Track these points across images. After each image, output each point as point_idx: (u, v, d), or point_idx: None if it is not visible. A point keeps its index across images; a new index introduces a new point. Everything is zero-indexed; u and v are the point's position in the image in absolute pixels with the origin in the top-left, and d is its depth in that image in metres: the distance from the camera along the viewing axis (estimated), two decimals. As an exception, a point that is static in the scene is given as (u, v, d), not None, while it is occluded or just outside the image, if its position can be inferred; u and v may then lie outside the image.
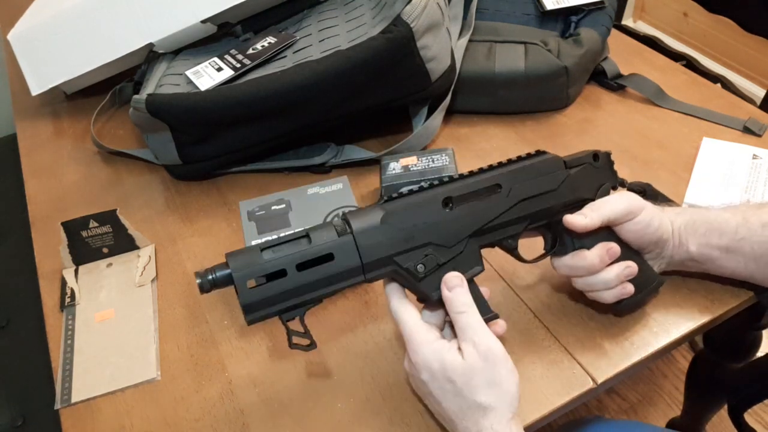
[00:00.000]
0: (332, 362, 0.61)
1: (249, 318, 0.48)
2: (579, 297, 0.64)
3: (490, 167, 0.55)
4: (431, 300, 0.52)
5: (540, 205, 0.55)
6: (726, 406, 0.97)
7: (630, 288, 0.57)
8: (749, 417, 1.20)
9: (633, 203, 0.56)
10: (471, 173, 0.55)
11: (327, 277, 0.49)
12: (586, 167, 0.58)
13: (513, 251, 0.57)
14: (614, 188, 0.60)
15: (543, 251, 0.60)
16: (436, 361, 0.49)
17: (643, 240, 0.57)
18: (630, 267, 0.56)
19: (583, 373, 0.58)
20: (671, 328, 0.61)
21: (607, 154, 0.60)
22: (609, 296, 0.57)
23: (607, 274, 0.56)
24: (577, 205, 0.57)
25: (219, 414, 0.58)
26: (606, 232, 0.57)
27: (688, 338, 0.61)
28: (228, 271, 0.48)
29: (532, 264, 0.59)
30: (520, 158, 0.57)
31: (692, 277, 0.64)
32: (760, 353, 0.94)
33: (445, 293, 0.51)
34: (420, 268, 0.51)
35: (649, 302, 0.62)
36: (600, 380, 0.57)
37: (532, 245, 0.60)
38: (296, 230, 0.50)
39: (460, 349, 0.49)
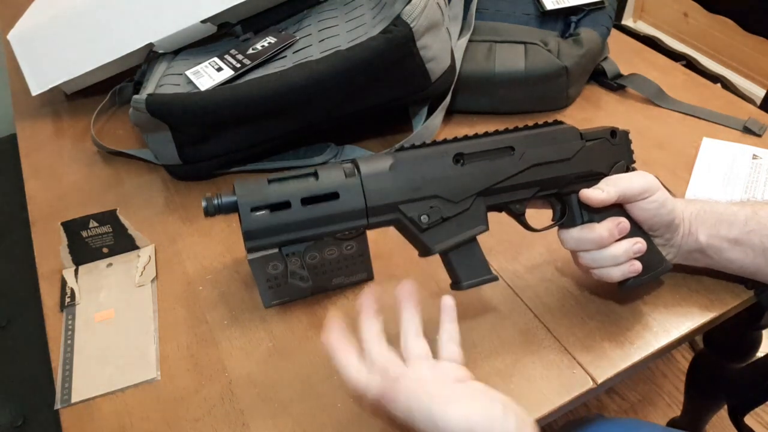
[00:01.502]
0: (332, 362, 0.61)
1: (249, 245, 0.49)
2: (579, 297, 0.64)
3: (506, 130, 0.55)
4: (431, 252, 0.52)
5: (552, 172, 0.55)
6: (726, 407, 0.97)
7: (638, 266, 0.56)
8: (749, 417, 1.20)
9: (650, 182, 0.56)
10: (486, 133, 0.55)
11: (330, 215, 0.49)
12: (603, 142, 0.58)
13: (520, 217, 0.56)
14: (628, 168, 0.60)
15: (551, 221, 0.59)
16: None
17: (655, 220, 0.57)
18: (639, 243, 0.55)
19: (583, 373, 0.58)
20: (671, 328, 0.61)
21: (626, 132, 0.60)
22: (616, 273, 0.56)
23: (615, 249, 0.55)
24: (589, 179, 0.57)
25: (219, 414, 0.58)
26: (617, 209, 0.56)
27: (688, 338, 0.61)
28: (234, 198, 0.48)
29: (537, 242, 0.59)
30: (536, 125, 0.57)
31: (692, 275, 0.64)
32: (760, 353, 0.94)
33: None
34: (424, 218, 0.51)
35: (653, 290, 0.63)
36: (600, 380, 0.57)
37: (540, 217, 0.60)
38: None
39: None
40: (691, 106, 0.86)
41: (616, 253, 0.55)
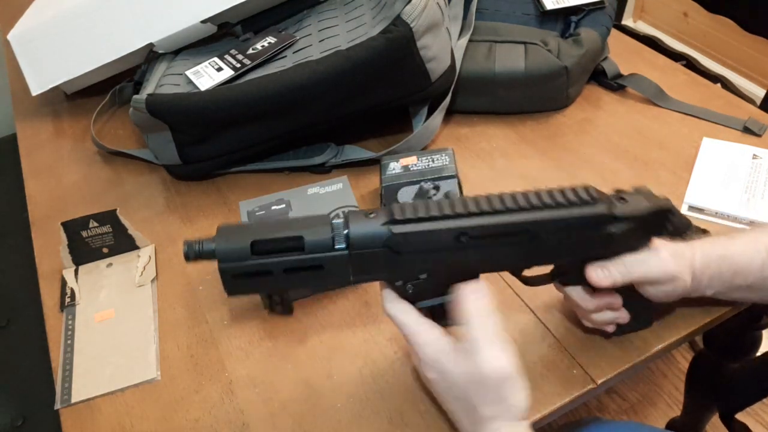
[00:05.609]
0: (332, 362, 0.61)
1: (229, 296, 0.47)
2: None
3: (527, 201, 0.46)
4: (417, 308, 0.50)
5: (566, 258, 0.50)
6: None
7: (611, 330, 0.57)
8: (750, 417, 1.20)
9: (668, 272, 0.52)
10: (502, 202, 0.46)
11: (313, 281, 0.47)
12: (638, 228, 0.49)
13: (518, 274, 0.54)
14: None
15: (548, 275, 0.56)
16: (439, 362, 0.47)
17: (656, 299, 0.55)
18: (621, 318, 0.56)
19: (583, 373, 0.58)
20: (671, 328, 0.61)
21: (672, 212, 0.51)
22: (590, 325, 0.58)
23: (598, 316, 0.56)
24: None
25: (219, 414, 0.58)
26: None
27: (688, 338, 0.61)
28: (213, 246, 0.45)
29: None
30: (565, 196, 0.47)
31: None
32: (760, 353, 0.94)
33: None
34: (409, 288, 0.48)
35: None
36: (600, 380, 0.57)
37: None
38: (293, 218, 0.49)
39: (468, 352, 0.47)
40: (691, 106, 0.86)
41: (597, 320, 0.56)
